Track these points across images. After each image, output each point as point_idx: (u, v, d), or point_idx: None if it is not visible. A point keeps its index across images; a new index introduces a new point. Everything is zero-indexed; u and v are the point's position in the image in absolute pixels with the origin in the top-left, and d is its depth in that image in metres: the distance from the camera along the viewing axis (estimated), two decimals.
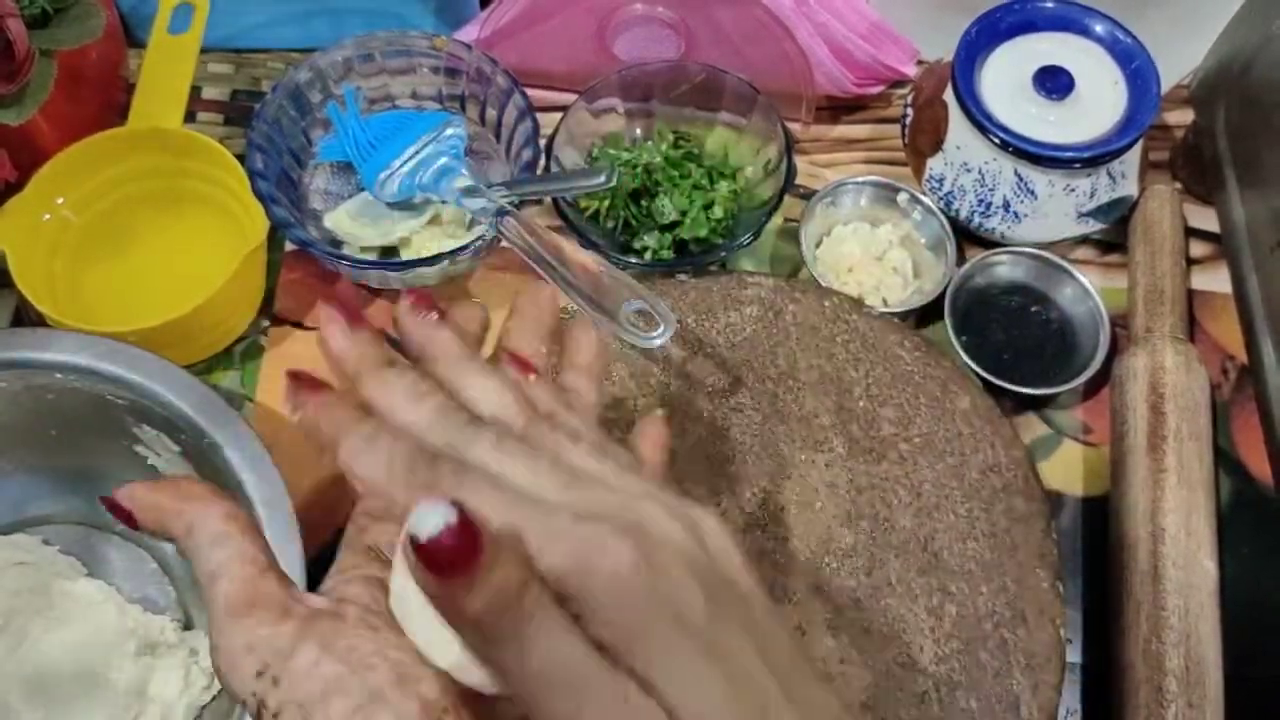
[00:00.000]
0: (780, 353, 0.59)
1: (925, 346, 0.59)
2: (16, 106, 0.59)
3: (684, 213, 0.64)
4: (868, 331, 0.59)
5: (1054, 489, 0.61)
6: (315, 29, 0.72)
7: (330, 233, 0.64)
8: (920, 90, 0.67)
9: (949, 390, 0.58)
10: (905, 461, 0.56)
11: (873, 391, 0.58)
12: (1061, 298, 0.64)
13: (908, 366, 0.59)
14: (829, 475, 0.56)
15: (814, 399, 0.58)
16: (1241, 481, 0.61)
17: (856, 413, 0.58)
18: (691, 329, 0.60)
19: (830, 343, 0.59)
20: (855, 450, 0.57)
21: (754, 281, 0.61)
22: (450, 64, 0.66)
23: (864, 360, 0.59)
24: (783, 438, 0.57)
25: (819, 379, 0.58)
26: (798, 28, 0.67)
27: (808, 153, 0.71)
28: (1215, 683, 0.52)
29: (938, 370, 0.59)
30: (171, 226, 0.64)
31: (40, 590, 0.54)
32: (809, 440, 0.57)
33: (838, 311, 0.60)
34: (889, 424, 0.57)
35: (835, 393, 0.58)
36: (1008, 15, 0.65)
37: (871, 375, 0.58)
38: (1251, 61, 0.65)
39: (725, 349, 0.59)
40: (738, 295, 0.60)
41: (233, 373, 0.63)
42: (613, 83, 0.66)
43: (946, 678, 0.51)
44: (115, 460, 0.54)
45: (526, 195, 0.62)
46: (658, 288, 0.61)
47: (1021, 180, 0.63)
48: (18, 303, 0.64)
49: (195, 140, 0.63)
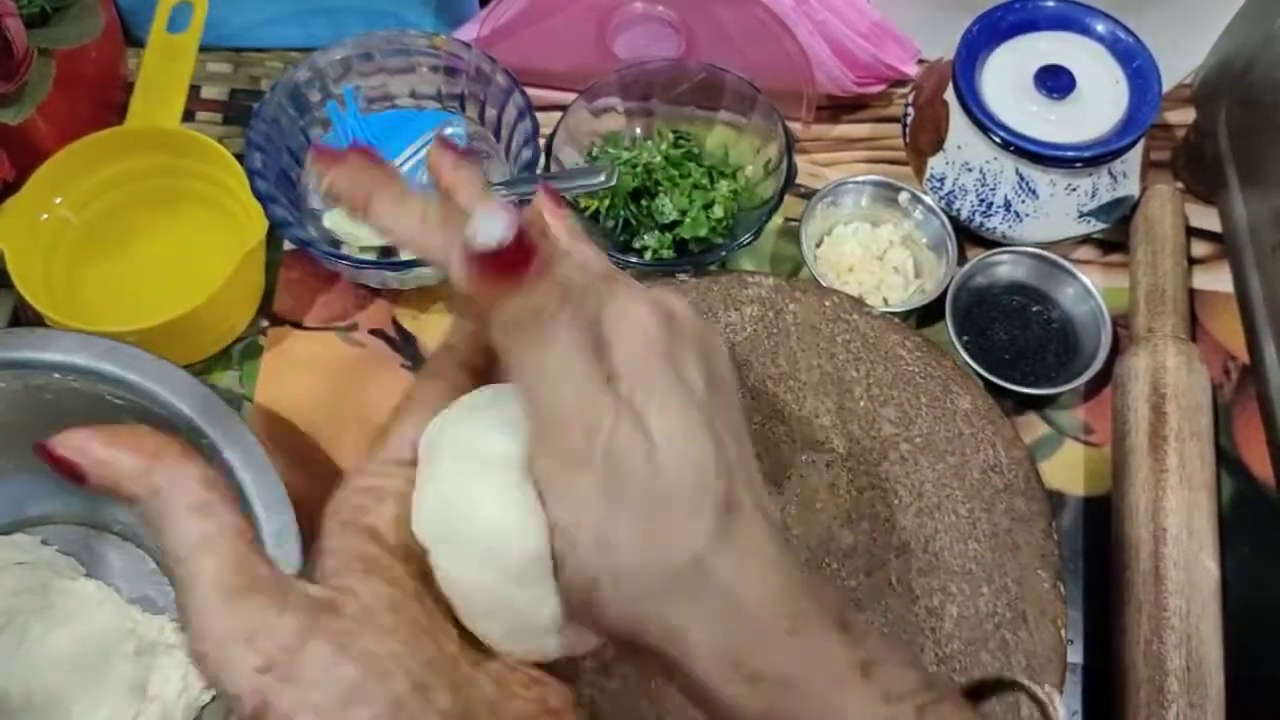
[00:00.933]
0: (781, 352, 0.59)
1: (926, 346, 0.59)
2: (15, 105, 0.58)
3: (684, 212, 0.64)
4: (868, 331, 0.59)
5: (1055, 489, 0.60)
6: (314, 28, 0.72)
7: (329, 232, 0.64)
8: (921, 89, 0.67)
9: (950, 390, 0.58)
10: (906, 461, 0.56)
11: (873, 391, 0.58)
12: (1063, 297, 0.64)
13: (909, 366, 0.58)
14: (829, 475, 0.56)
15: (814, 399, 0.58)
16: (1243, 481, 0.61)
17: (857, 412, 0.57)
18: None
19: (831, 342, 0.59)
20: (856, 450, 0.57)
21: (754, 281, 0.61)
22: (449, 63, 0.66)
23: (865, 360, 0.59)
24: (783, 438, 0.57)
25: (820, 379, 0.58)
26: (798, 26, 0.66)
27: (808, 152, 0.70)
28: (1216, 683, 0.52)
29: (939, 370, 0.58)
30: (170, 226, 0.64)
31: (39, 590, 0.54)
32: (809, 440, 0.57)
33: (838, 311, 0.60)
34: (890, 424, 0.57)
35: (836, 393, 0.58)
36: (1009, 14, 0.65)
37: (872, 375, 0.58)
38: (1253, 60, 0.65)
39: (726, 348, 0.59)
40: (738, 295, 0.60)
41: (232, 373, 0.62)
42: (612, 82, 0.65)
43: (947, 678, 0.51)
44: None
45: (526, 195, 0.61)
46: (657, 287, 0.60)
47: (1023, 180, 0.63)
48: (16, 302, 0.64)
49: (194, 139, 0.63)
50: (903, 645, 0.51)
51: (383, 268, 0.61)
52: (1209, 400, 0.59)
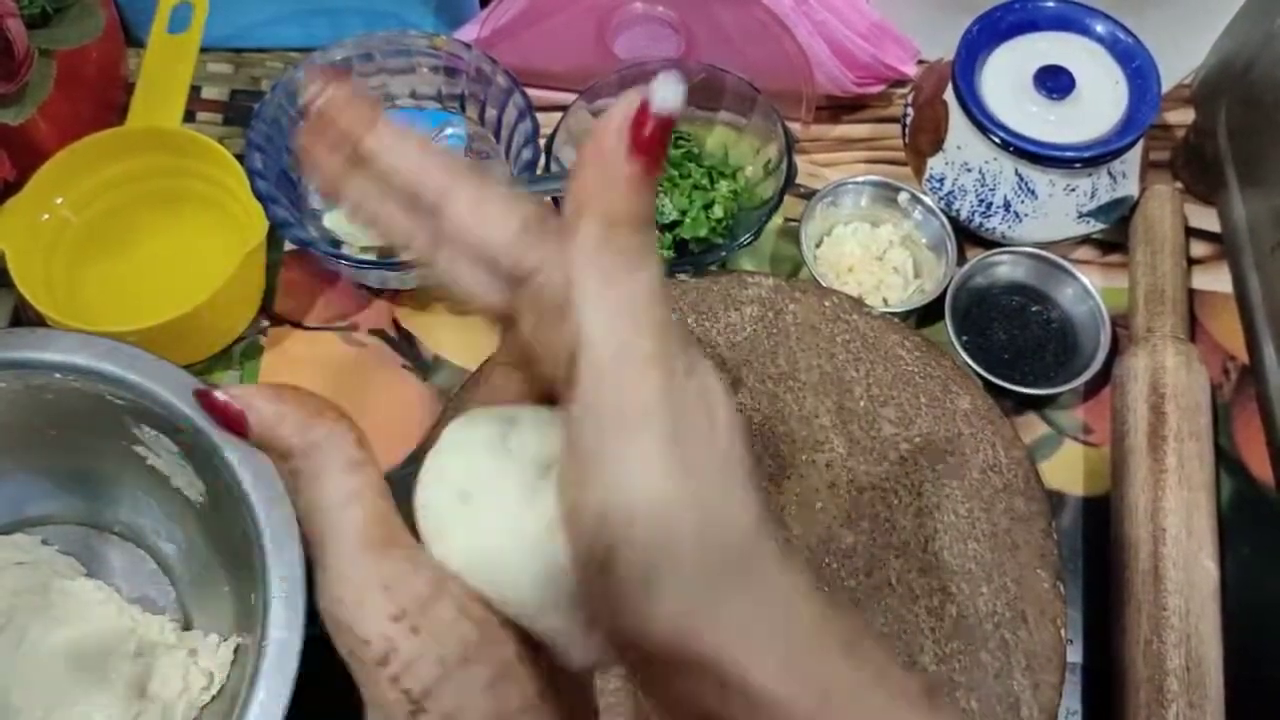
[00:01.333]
0: (781, 352, 0.59)
1: (926, 346, 0.59)
2: (16, 106, 0.59)
3: (684, 212, 0.64)
4: (868, 331, 0.59)
5: (1055, 489, 0.60)
6: (315, 28, 0.72)
7: (330, 232, 0.64)
8: (921, 90, 0.67)
9: (950, 390, 0.58)
10: (906, 461, 0.56)
11: (873, 391, 0.58)
12: (1062, 298, 0.64)
13: (908, 366, 0.58)
14: (829, 475, 0.56)
15: (814, 399, 0.58)
16: (1242, 481, 0.61)
17: (857, 413, 0.58)
18: (691, 329, 0.60)
19: (831, 342, 0.59)
20: (856, 450, 0.57)
21: (754, 281, 0.61)
22: (450, 63, 0.66)
23: (864, 360, 0.59)
24: (783, 438, 0.57)
25: (819, 379, 0.58)
26: (798, 27, 0.66)
27: (808, 152, 0.70)
28: (1216, 683, 0.52)
29: (938, 370, 0.58)
30: (171, 226, 0.64)
31: (39, 590, 0.54)
32: (809, 440, 0.57)
33: (838, 311, 0.60)
34: (889, 424, 0.57)
35: (836, 393, 0.58)
36: (1008, 14, 0.65)
37: (872, 375, 0.58)
38: (1253, 60, 0.65)
39: (725, 349, 0.59)
40: (738, 295, 0.60)
41: (232, 373, 0.62)
42: (612, 82, 0.65)
43: (947, 678, 0.51)
44: (115, 460, 0.54)
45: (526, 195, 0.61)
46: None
47: (1022, 180, 0.63)
48: (16, 302, 0.64)
49: (194, 140, 0.63)
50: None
51: (383, 268, 0.61)
52: (1208, 400, 0.59)
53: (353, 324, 0.64)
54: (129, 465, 0.54)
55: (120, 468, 0.54)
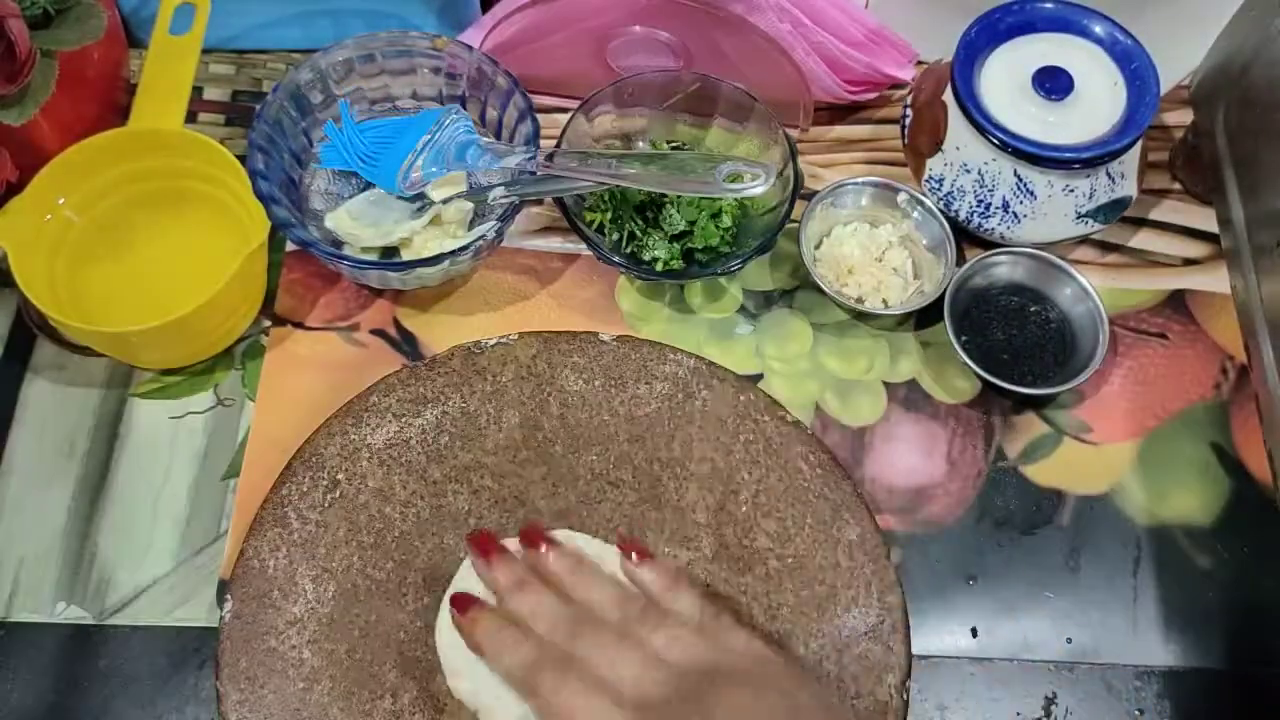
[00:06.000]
0: (678, 437, 0.57)
1: (831, 466, 0.56)
2: (18, 107, 0.59)
3: (692, 223, 0.64)
4: (775, 436, 0.57)
5: (1054, 488, 0.61)
6: (316, 30, 0.72)
7: (331, 233, 0.64)
8: (919, 91, 0.68)
9: (840, 517, 0.55)
10: (770, 579, 0.54)
11: (760, 499, 0.56)
12: (1061, 298, 0.64)
13: (805, 482, 0.56)
14: (688, 574, 0.54)
15: (696, 492, 0.56)
16: (1241, 481, 0.61)
17: (737, 517, 0.56)
18: (596, 393, 0.59)
19: (733, 439, 0.57)
20: (722, 555, 0.55)
21: (674, 359, 0.59)
22: (451, 65, 0.66)
23: (761, 465, 0.57)
24: (652, 524, 0.56)
25: (709, 472, 0.56)
26: (794, 48, 0.65)
27: (807, 153, 0.71)
28: None
29: (835, 493, 0.56)
30: (173, 227, 0.65)
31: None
32: (678, 534, 0.55)
33: (749, 409, 0.58)
34: (766, 536, 0.55)
35: (721, 491, 0.56)
36: (1007, 16, 0.65)
37: (764, 483, 0.56)
38: (1251, 62, 0.66)
39: (624, 421, 0.58)
40: (654, 369, 0.59)
41: (234, 372, 0.63)
42: (609, 93, 0.65)
43: None
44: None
45: (527, 195, 0.62)
46: (579, 344, 0.59)
47: (1021, 181, 0.63)
48: (19, 303, 0.64)
49: (196, 141, 0.63)
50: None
51: (384, 268, 0.61)
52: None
53: (354, 324, 0.64)
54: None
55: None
